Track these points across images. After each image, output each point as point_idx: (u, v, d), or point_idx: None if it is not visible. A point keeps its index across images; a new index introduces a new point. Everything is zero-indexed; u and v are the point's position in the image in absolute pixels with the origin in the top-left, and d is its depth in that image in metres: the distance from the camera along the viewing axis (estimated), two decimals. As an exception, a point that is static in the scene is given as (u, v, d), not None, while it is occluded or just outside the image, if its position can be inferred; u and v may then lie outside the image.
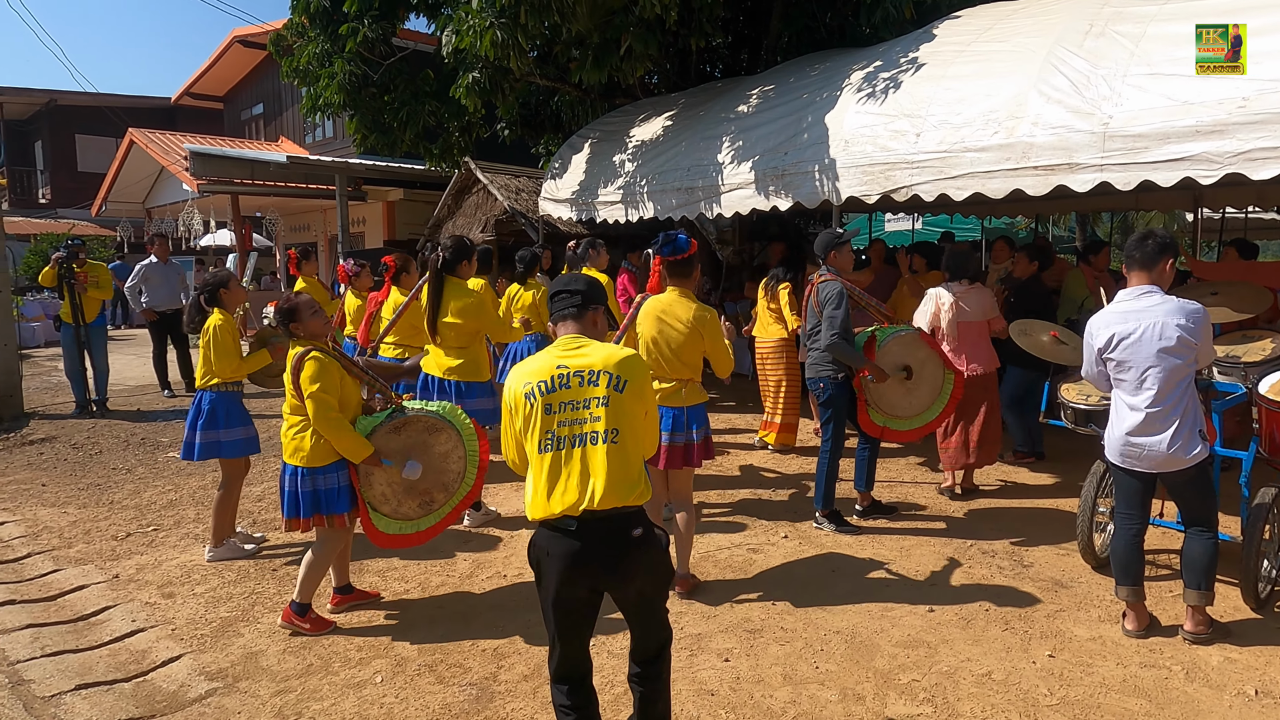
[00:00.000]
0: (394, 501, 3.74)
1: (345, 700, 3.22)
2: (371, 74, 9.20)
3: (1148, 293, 3.43)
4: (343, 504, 3.65)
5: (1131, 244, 3.49)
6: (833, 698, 3.17)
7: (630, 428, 2.44)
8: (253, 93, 20.84)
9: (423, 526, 3.82)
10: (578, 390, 2.42)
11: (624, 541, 2.40)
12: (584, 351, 2.49)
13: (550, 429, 2.42)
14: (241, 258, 14.79)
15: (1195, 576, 3.46)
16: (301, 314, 3.65)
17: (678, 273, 3.89)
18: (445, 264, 4.91)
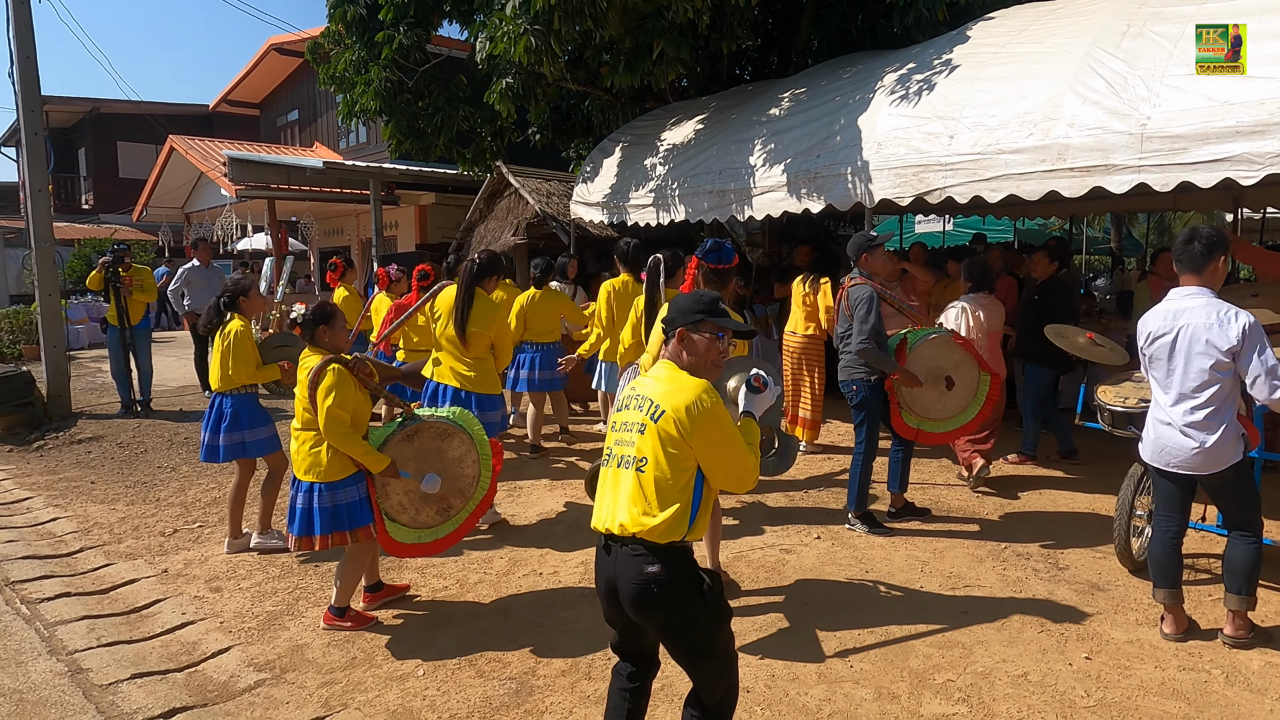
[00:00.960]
0: (412, 510, 3.76)
1: (389, 692, 3.31)
2: (406, 80, 9.35)
3: (1194, 294, 3.41)
4: (365, 516, 3.66)
5: (1179, 245, 3.46)
6: (868, 696, 3.20)
7: (659, 460, 2.30)
8: (288, 99, 21.23)
9: (441, 534, 3.83)
10: (633, 414, 2.38)
11: (639, 576, 2.30)
12: (656, 378, 2.41)
13: (610, 445, 2.46)
14: (278, 262, 15.06)
15: (1236, 581, 3.44)
16: (335, 322, 3.72)
17: (715, 281, 3.90)
18: (477, 274, 4.98)
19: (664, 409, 2.31)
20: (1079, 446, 6.16)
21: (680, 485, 2.32)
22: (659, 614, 2.34)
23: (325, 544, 3.61)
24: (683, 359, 2.42)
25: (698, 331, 2.40)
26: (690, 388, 2.33)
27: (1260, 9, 4.10)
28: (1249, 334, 3.25)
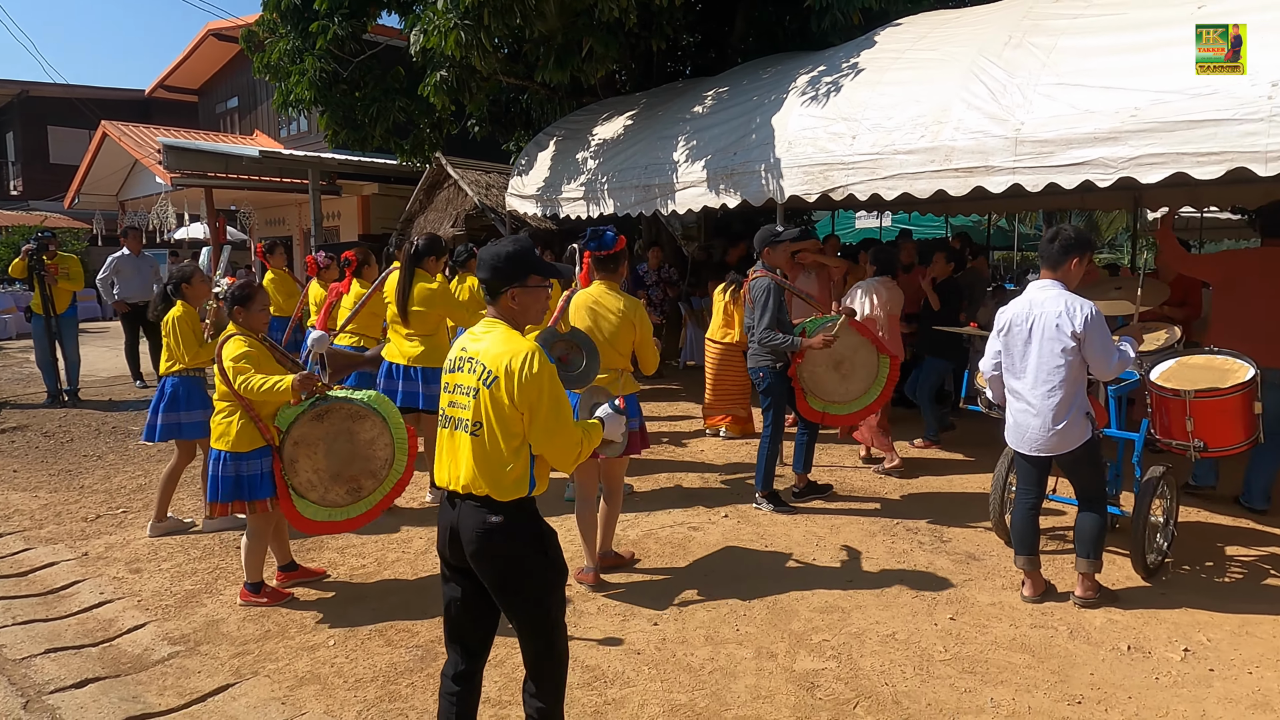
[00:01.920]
0: (320, 488, 3.84)
1: (299, 660, 3.47)
2: (341, 71, 9.38)
3: (1048, 286, 3.74)
4: (264, 490, 3.79)
5: (1042, 243, 3.79)
6: (748, 655, 3.47)
7: (493, 424, 2.37)
8: (228, 86, 20.88)
9: (353, 514, 3.93)
10: (465, 376, 2.43)
11: (482, 526, 2.38)
12: (486, 337, 2.45)
13: (443, 406, 2.51)
14: (215, 251, 14.86)
15: (1084, 546, 3.79)
16: (254, 304, 3.84)
17: (604, 267, 4.11)
18: (416, 255, 5.17)
19: (495, 374, 2.35)
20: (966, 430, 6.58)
21: (515, 446, 2.39)
22: (497, 562, 2.39)
23: (224, 510, 3.81)
24: (514, 316, 2.50)
25: (525, 287, 2.49)
26: (521, 351, 2.37)
27: (1126, 25, 4.45)
28: (1092, 321, 3.59)
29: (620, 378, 4.16)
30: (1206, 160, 3.84)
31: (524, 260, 2.50)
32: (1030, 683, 3.23)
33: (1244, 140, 3.70)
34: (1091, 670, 3.31)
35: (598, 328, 4.07)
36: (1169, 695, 3.13)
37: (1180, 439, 4.04)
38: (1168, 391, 4.02)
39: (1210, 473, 5.22)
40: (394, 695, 3.20)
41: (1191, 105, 3.87)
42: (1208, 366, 4.15)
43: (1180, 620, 3.70)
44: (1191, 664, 3.35)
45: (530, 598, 2.45)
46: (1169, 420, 4.07)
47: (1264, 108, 3.64)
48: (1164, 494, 4.20)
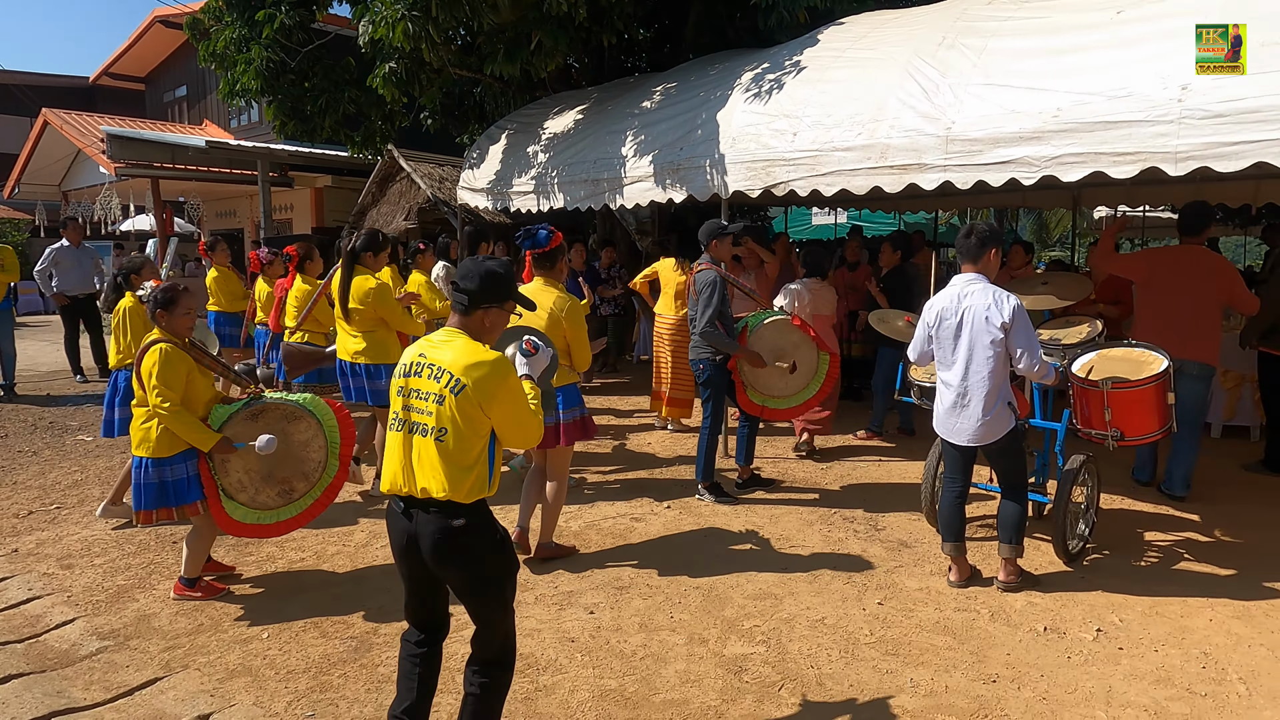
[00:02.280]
0: (251, 489, 3.82)
1: (231, 653, 3.46)
2: (289, 61, 9.25)
3: (973, 280, 3.86)
4: (192, 493, 3.72)
5: (959, 238, 3.91)
6: (680, 641, 3.54)
7: (460, 431, 2.43)
8: (176, 74, 20.41)
9: (284, 516, 3.90)
10: (425, 382, 2.47)
11: (443, 531, 2.45)
12: (448, 346, 2.49)
13: (397, 410, 2.53)
14: (162, 243, 14.56)
15: (1006, 532, 3.93)
16: (176, 308, 3.69)
17: (540, 264, 4.14)
18: (353, 252, 5.13)
19: (464, 383, 2.41)
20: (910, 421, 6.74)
21: (479, 449, 2.49)
22: (461, 564, 2.48)
23: (149, 519, 3.70)
24: (481, 333, 2.58)
25: (501, 309, 2.60)
26: (488, 360, 2.46)
27: (1053, 28, 4.60)
28: (1017, 315, 3.72)
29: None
30: (1122, 160, 3.99)
31: (509, 284, 2.61)
32: (949, 663, 3.34)
33: (1156, 141, 3.86)
34: (1008, 651, 3.44)
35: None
36: (1079, 673, 3.27)
37: (1099, 429, 4.20)
38: (1087, 383, 4.17)
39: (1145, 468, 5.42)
40: (325, 685, 3.21)
41: (1109, 107, 4.01)
42: (1126, 359, 4.32)
43: (1096, 602, 3.86)
44: (1103, 643, 3.49)
45: (492, 593, 2.55)
46: (1089, 410, 4.22)
47: (1174, 110, 3.79)
48: (1085, 482, 4.37)
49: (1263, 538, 4.60)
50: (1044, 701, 3.08)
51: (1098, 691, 3.14)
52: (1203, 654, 3.39)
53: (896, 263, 6.53)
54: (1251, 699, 3.08)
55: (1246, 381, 6.36)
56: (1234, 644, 3.47)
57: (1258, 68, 3.59)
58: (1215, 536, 4.66)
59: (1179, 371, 5.00)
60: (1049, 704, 3.06)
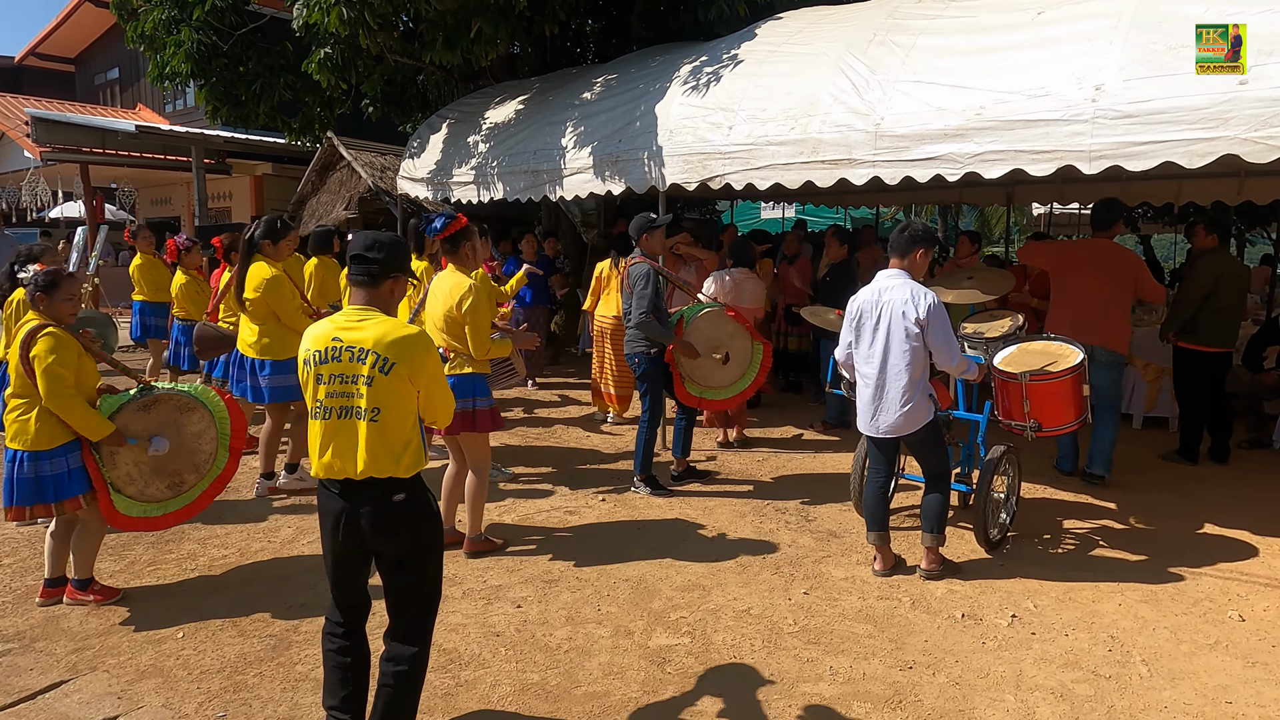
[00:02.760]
0: (140, 482, 3.70)
1: (143, 654, 3.36)
2: (221, 44, 8.98)
3: (896, 275, 3.92)
4: (73, 487, 3.54)
5: (894, 234, 3.97)
6: (606, 634, 3.54)
7: (394, 407, 2.48)
8: (108, 56, 19.67)
9: (171, 509, 3.79)
10: (347, 365, 2.46)
11: (385, 506, 2.50)
12: (363, 325, 2.48)
13: (319, 398, 2.51)
14: (92, 230, 14.04)
15: (929, 522, 4.01)
16: (59, 292, 3.54)
17: (446, 250, 4.11)
18: (251, 242, 4.96)
19: (393, 360, 2.45)
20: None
21: (412, 423, 2.56)
22: (404, 537, 2.56)
23: (22, 515, 3.52)
24: (389, 304, 2.60)
25: (404, 277, 2.65)
26: (411, 333, 2.51)
27: (977, 28, 4.68)
28: (934, 311, 3.79)
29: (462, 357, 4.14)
30: (1040, 158, 4.09)
31: (406, 252, 2.66)
32: (869, 651, 3.41)
33: (1071, 140, 3.96)
34: (926, 638, 3.52)
35: (440, 309, 4.08)
36: (992, 658, 3.35)
37: (1019, 420, 4.31)
38: (1006, 375, 4.28)
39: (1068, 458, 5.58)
40: (239, 685, 3.14)
41: (1028, 106, 4.11)
42: (1044, 351, 4.44)
43: (1013, 589, 3.96)
44: (1016, 629, 3.59)
45: (431, 565, 2.64)
46: (1009, 402, 4.33)
47: (1088, 110, 3.90)
48: (1006, 471, 4.48)
49: (1174, 525, 4.78)
50: (957, 686, 3.15)
51: (1008, 675, 3.22)
52: (1110, 637, 3.51)
53: (843, 256, 6.60)
54: (1152, 680, 3.20)
55: (1166, 374, 6.59)
56: (1140, 627, 3.60)
57: (1165, 70, 3.71)
58: (1130, 524, 4.82)
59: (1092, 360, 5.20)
60: (961, 688, 3.14)
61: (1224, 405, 5.76)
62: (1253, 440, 6.30)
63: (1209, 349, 5.55)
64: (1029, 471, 5.64)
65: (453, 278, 4.06)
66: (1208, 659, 3.34)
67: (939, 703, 3.04)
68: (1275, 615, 3.71)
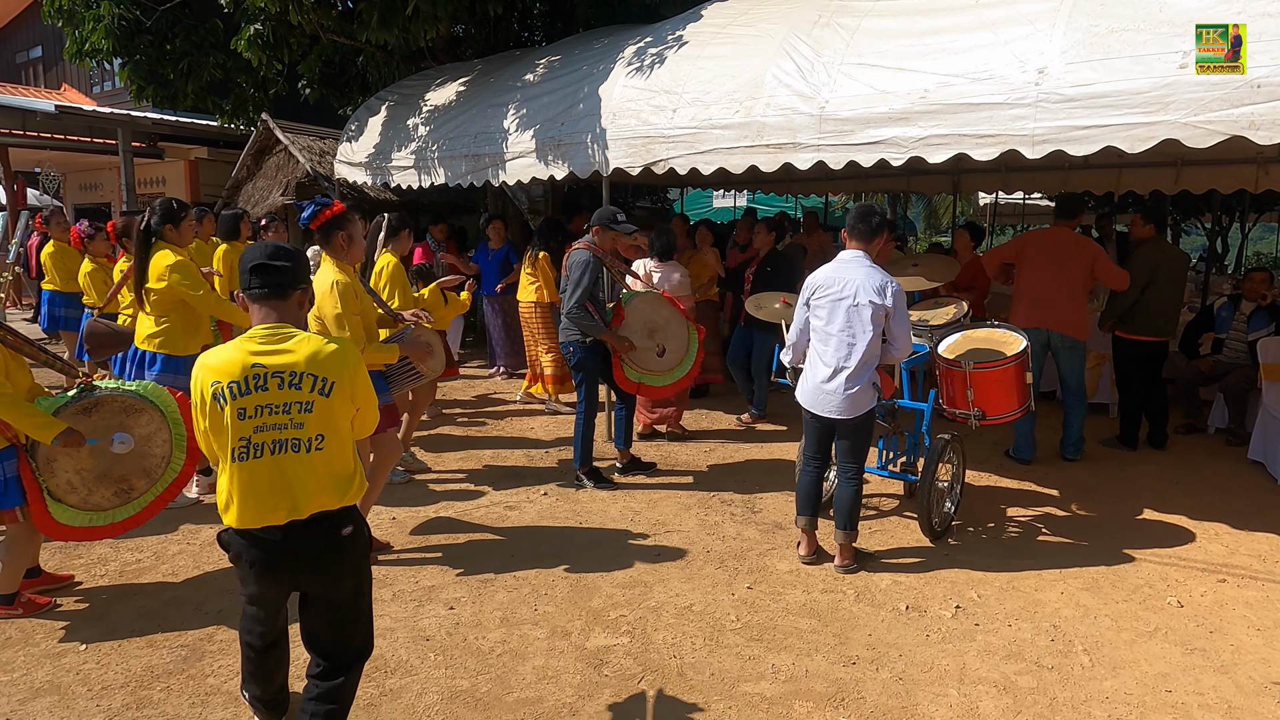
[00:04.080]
0: (83, 490, 3.43)
1: (39, 670, 3.12)
2: (144, 20, 8.53)
3: (859, 258, 3.83)
4: (11, 499, 3.31)
5: (855, 216, 3.86)
6: (541, 635, 3.40)
7: (337, 430, 2.30)
8: (30, 33, 18.74)
9: (119, 517, 3.51)
10: (277, 394, 2.21)
11: (335, 544, 2.33)
12: (286, 347, 2.25)
13: (245, 435, 2.21)
14: (12, 216, 13.35)
15: (842, 518, 3.94)
16: None
17: (320, 240, 3.67)
18: (148, 228, 4.53)
19: (332, 379, 2.26)
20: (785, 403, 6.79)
21: (351, 445, 2.40)
22: (350, 572, 2.40)
23: None
24: (299, 317, 2.37)
25: (306, 291, 2.43)
26: (338, 345, 2.32)
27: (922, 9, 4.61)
28: (897, 297, 3.72)
29: None
30: (983, 142, 4.03)
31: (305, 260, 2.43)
32: (812, 647, 3.32)
33: (1014, 124, 3.90)
34: (870, 631, 3.44)
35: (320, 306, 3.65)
36: (936, 651, 3.29)
37: (963, 408, 4.27)
38: (950, 363, 4.23)
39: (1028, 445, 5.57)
40: (144, 701, 2.92)
41: (971, 89, 4.04)
42: (989, 340, 4.40)
43: (957, 579, 3.92)
44: (960, 620, 3.54)
45: (368, 594, 2.49)
46: (953, 390, 4.29)
47: (1031, 93, 3.84)
48: (950, 460, 4.44)
49: (1114, 511, 4.80)
50: (900, 681, 3.08)
51: (952, 669, 3.17)
52: (1052, 627, 3.48)
53: (770, 244, 6.52)
54: (1094, 669, 3.17)
55: (1106, 360, 6.65)
56: (1081, 615, 3.58)
57: (1107, 53, 3.67)
58: (1071, 510, 4.83)
59: (1051, 348, 5.24)
60: (905, 684, 3.07)
61: (1161, 392, 5.82)
62: (1188, 426, 6.40)
63: (1146, 338, 5.60)
64: (975, 459, 5.65)
65: (328, 266, 3.66)
66: (1148, 647, 3.33)
67: (882, 699, 2.97)
68: (1213, 600, 3.73)
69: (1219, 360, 6.30)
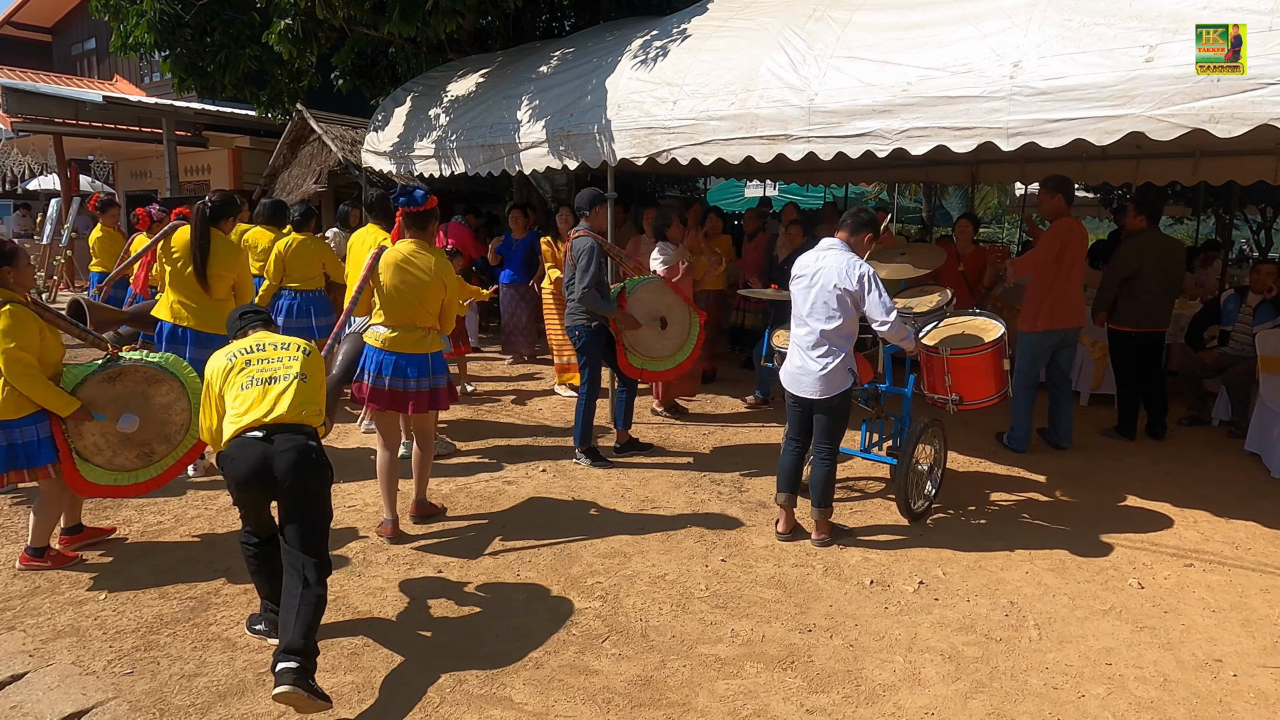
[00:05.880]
0: (108, 452, 3.74)
1: (61, 615, 3.44)
2: (184, 14, 8.92)
3: (837, 246, 3.98)
4: (44, 456, 3.61)
5: (850, 211, 4.04)
6: (520, 598, 3.63)
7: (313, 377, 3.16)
8: (85, 25, 19.49)
9: (141, 478, 3.85)
10: (273, 352, 3.16)
11: (304, 449, 2.98)
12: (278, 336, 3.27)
13: (251, 374, 3.09)
14: (65, 203, 14.00)
15: (816, 495, 4.11)
16: (18, 261, 3.59)
17: (414, 224, 4.09)
18: (211, 215, 4.96)
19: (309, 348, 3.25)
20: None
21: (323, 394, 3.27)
22: (313, 477, 2.99)
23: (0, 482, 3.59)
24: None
25: None
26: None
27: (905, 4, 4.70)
28: (866, 281, 3.86)
29: (427, 336, 4.18)
30: (961, 135, 4.12)
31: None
32: (772, 615, 3.50)
33: (990, 116, 4.00)
34: (831, 603, 3.61)
35: (406, 286, 4.02)
36: (891, 622, 3.45)
37: (941, 393, 4.39)
38: (929, 349, 4.35)
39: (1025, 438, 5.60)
40: (151, 645, 3.22)
41: (950, 82, 4.13)
42: (969, 326, 4.51)
43: (926, 557, 4.06)
44: (921, 594, 3.69)
45: (327, 504, 3.13)
46: (932, 376, 4.40)
47: (1006, 86, 3.93)
48: (932, 443, 4.56)
49: (1097, 498, 4.87)
50: (850, 649, 3.25)
51: (903, 638, 3.32)
52: (1009, 603, 3.61)
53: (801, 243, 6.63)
54: (1041, 642, 3.30)
55: (1110, 352, 6.66)
56: (1041, 594, 3.70)
57: (1078, 46, 3.74)
58: (1055, 496, 4.91)
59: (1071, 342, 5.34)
60: (854, 650, 3.23)
61: (1159, 384, 5.84)
62: (1192, 418, 6.39)
63: (1135, 329, 5.62)
64: (967, 445, 5.75)
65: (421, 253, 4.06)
66: (1099, 624, 3.44)
67: (829, 663, 3.14)
68: (1175, 583, 3.82)
69: (1224, 352, 6.28)
